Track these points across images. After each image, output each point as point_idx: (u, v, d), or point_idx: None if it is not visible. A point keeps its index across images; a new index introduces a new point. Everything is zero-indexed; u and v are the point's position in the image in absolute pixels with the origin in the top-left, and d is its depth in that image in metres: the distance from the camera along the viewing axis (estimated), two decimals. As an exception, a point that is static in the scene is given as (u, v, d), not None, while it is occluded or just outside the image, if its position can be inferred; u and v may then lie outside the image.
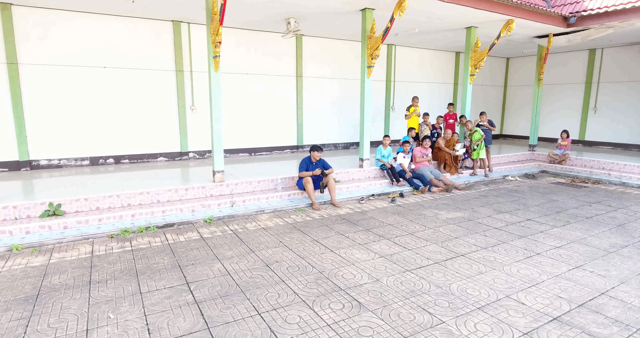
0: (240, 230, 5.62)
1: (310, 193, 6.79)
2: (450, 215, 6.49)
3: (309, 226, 5.85)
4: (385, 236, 5.41)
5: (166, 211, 6.08)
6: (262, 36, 10.41)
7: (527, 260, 4.61)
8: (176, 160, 9.69)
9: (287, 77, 11.03)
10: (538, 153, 11.91)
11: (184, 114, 9.62)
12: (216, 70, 6.56)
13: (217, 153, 6.87)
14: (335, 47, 11.69)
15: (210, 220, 5.97)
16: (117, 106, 8.91)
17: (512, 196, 7.96)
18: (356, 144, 12.58)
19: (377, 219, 6.22)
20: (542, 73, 11.60)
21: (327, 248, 4.94)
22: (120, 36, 8.74)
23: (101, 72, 8.66)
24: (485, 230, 5.72)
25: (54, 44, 8.15)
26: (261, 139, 10.87)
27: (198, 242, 5.12)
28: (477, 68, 9.79)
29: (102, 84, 8.71)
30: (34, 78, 8.06)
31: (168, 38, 9.26)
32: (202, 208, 6.34)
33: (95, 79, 8.62)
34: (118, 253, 4.74)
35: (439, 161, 9.51)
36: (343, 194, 7.61)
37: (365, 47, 8.04)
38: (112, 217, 5.73)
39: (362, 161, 8.54)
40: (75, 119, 8.54)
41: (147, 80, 9.15)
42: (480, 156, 9.55)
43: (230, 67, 10.05)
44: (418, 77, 13.67)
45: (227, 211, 6.31)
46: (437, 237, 5.38)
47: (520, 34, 10.65)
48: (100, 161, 8.90)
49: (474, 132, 9.59)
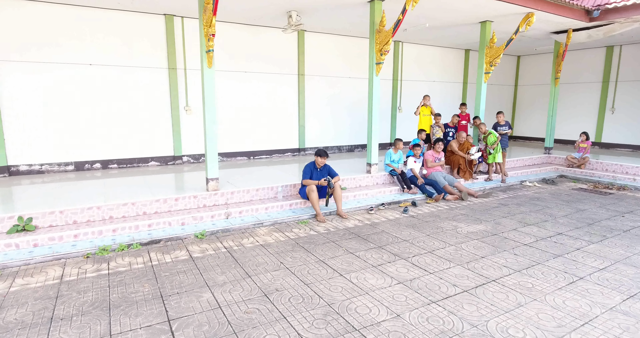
0: (236, 248, 4.93)
1: (315, 203, 6.11)
2: (471, 228, 5.80)
3: (313, 242, 5.16)
4: (402, 255, 4.72)
5: (153, 225, 5.40)
6: (262, 32, 9.73)
7: (571, 287, 3.92)
8: (169, 165, 9.01)
9: (288, 76, 10.35)
10: (555, 156, 11.22)
11: (178, 115, 8.94)
12: (209, 66, 5.88)
13: (211, 158, 6.19)
14: (340, 43, 11.01)
15: (202, 235, 5.29)
16: (104, 106, 8.24)
17: (534, 204, 7.27)
18: (361, 146, 11.89)
19: (390, 233, 5.54)
20: (559, 71, 10.91)
21: (336, 271, 4.25)
22: (107, 31, 8.06)
23: (87, 70, 7.99)
24: (514, 247, 5.03)
25: (35, 39, 7.47)
26: (260, 142, 10.19)
27: (186, 263, 4.44)
28: (493, 66, 9.10)
29: (88, 82, 8.03)
30: (11, 76, 7.38)
31: (160, 33, 8.59)
32: (193, 221, 5.66)
33: (81, 77, 7.95)
34: (92, 279, 4.06)
35: (452, 165, 8.82)
36: (350, 203, 6.93)
37: (373, 41, 7.36)
38: (90, 233, 5.05)
39: (370, 166, 7.86)
40: (59, 120, 7.86)
41: (138, 78, 8.48)
42: (497, 160, 8.86)
43: (227, 64, 9.38)
44: (426, 76, 12.98)
45: (222, 225, 5.63)
46: (461, 256, 4.69)
47: (538, 29, 9.96)
48: (86, 166, 8.22)
49: (488, 134, 8.89)
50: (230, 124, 9.66)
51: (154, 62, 8.59)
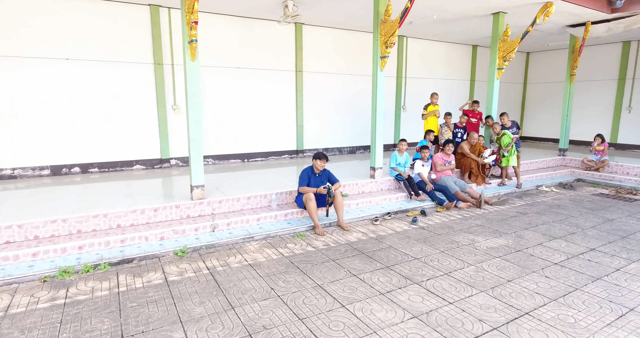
0: (220, 269, 4.24)
1: (313, 213, 5.42)
2: (490, 243, 5.10)
3: (310, 261, 4.47)
4: (414, 278, 4.02)
5: (126, 241, 4.71)
6: (256, 25, 9.04)
7: (622, 322, 3.23)
8: (155, 168, 8.32)
9: (285, 72, 9.65)
10: (570, 159, 10.51)
11: (164, 115, 8.24)
12: (193, 58, 5.19)
13: (196, 163, 5.49)
14: (341, 38, 10.31)
15: (182, 253, 4.59)
16: (83, 105, 7.54)
17: (556, 213, 6.57)
18: (363, 148, 11.20)
19: (399, 249, 4.84)
20: (575, 68, 10.20)
21: (337, 300, 3.56)
22: (87, 22, 7.37)
23: (63, 65, 7.29)
24: (544, 267, 4.33)
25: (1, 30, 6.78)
26: (256, 144, 9.50)
27: (159, 290, 3.74)
28: (507, 61, 8.40)
29: (65, 79, 7.34)
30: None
31: (145, 25, 7.89)
32: (174, 235, 4.96)
33: (57, 73, 7.25)
34: (42, 311, 3.36)
35: (462, 169, 8.12)
36: (352, 212, 6.23)
37: (378, 33, 6.66)
38: (52, 251, 4.36)
39: (374, 170, 7.16)
40: (33, 120, 7.17)
41: (120, 74, 7.79)
42: (511, 163, 8.14)
43: (219, 60, 8.69)
44: (432, 73, 12.27)
45: (206, 239, 4.93)
46: (484, 280, 3.99)
47: (553, 22, 9.26)
48: (63, 170, 7.53)
49: (502, 135, 8.19)
50: (223, 124, 8.97)
51: (138, 57, 7.90)
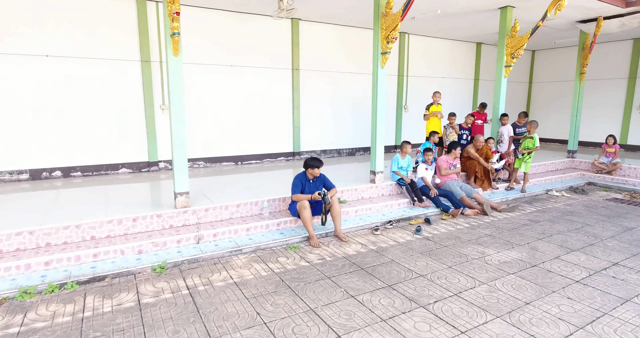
0: (202, 288, 3.77)
1: (307, 222, 4.95)
2: (502, 256, 4.63)
3: (303, 278, 4.00)
4: (419, 300, 3.56)
5: (99, 255, 4.24)
6: (250, 20, 8.58)
7: (665, 358, 2.76)
8: (143, 172, 7.86)
9: (281, 70, 9.19)
10: (579, 161, 10.05)
11: (152, 115, 7.78)
12: (176, 53, 4.73)
13: (180, 168, 5.03)
14: (340, 34, 9.85)
15: (161, 268, 4.13)
16: (64, 105, 7.08)
17: (570, 221, 6.10)
18: (363, 149, 10.73)
19: (402, 264, 4.37)
20: (585, 65, 9.73)
21: (331, 328, 3.09)
22: (68, 16, 6.91)
23: (43, 62, 6.84)
24: (565, 286, 3.86)
25: (-22, 25, 6.34)
26: (250, 145, 9.03)
27: (130, 315, 3.28)
28: (515, 58, 7.94)
29: (45, 77, 6.88)
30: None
31: (131, 20, 7.43)
32: (153, 248, 4.50)
33: (35, 71, 6.80)
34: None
35: (468, 173, 7.65)
36: (351, 220, 5.77)
37: (378, 27, 6.20)
38: (14, 267, 3.90)
39: (374, 174, 6.70)
40: (10, 121, 6.71)
41: (104, 72, 7.32)
42: (523, 168, 7.65)
43: (210, 57, 8.23)
44: (434, 72, 11.81)
45: (189, 252, 4.47)
46: (499, 302, 3.53)
47: (563, 17, 8.79)
48: (43, 174, 7.07)
49: (528, 137, 7.60)
50: (214, 125, 8.51)
51: (124, 54, 7.43)
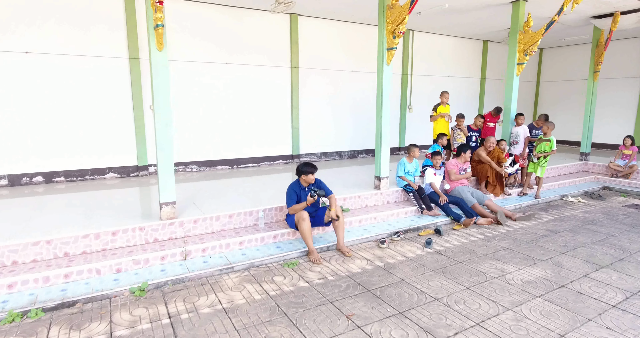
0: (185, 316, 3.28)
1: (307, 235, 4.46)
2: (524, 274, 4.15)
3: (302, 303, 3.51)
4: (436, 331, 3.07)
5: (72, 275, 3.75)
6: (246, 15, 8.09)
7: None
8: (131, 177, 7.37)
9: (279, 69, 8.70)
10: (593, 164, 9.57)
11: (142, 116, 7.29)
12: (160, 48, 4.24)
13: (165, 175, 4.54)
14: (341, 31, 9.36)
15: (141, 291, 3.64)
16: (46, 105, 6.60)
17: (592, 231, 5.62)
18: (365, 152, 10.25)
19: (413, 285, 3.88)
20: (599, 63, 9.24)
21: (335, 371, 2.61)
22: (49, 10, 6.43)
23: (22, 60, 6.35)
24: (601, 313, 3.37)
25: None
26: (246, 148, 8.54)
27: (98, 353, 2.80)
28: (528, 55, 7.44)
29: (24, 75, 6.40)
30: None
31: (118, 14, 6.94)
32: (134, 266, 4.01)
33: (14, 69, 6.31)
34: None
35: (478, 177, 7.16)
36: (354, 231, 5.28)
37: (384, 21, 5.72)
38: (-29, 291, 3.42)
39: (379, 180, 6.21)
40: (-14, 123, 6.24)
41: (89, 70, 6.84)
42: (538, 173, 7.17)
43: (203, 54, 7.76)
44: (439, 70, 11.32)
45: (174, 271, 3.98)
46: (528, 334, 3.04)
47: (578, 12, 8.31)
48: (23, 180, 6.58)
49: (545, 140, 7.11)
50: (208, 126, 8.02)
51: (110, 50, 6.95)
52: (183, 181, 7.01)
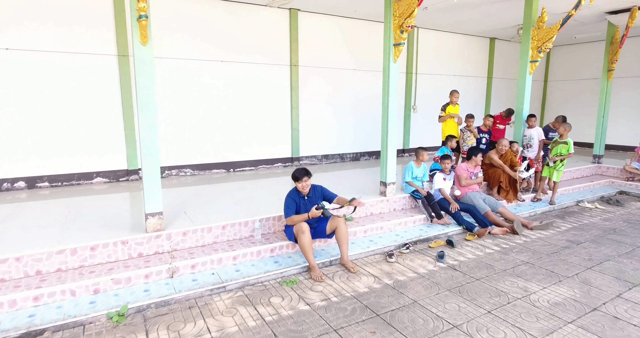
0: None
1: (307, 249, 4.03)
2: (550, 294, 3.71)
3: (302, 331, 3.08)
4: (458, 368, 2.64)
5: (42, 298, 3.32)
6: (243, 10, 7.66)
7: None
8: (121, 181, 6.93)
9: (278, 67, 8.27)
10: (607, 166, 9.14)
11: (131, 116, 6.85)
12: (144, 42, 3.82)
13: (151, 183, 4.10)
14: (343, 27, 8.93)
15: (120, 316, 3.20)
16: (29, 105, 6.17)
17: (616, 242, 5.19)
18: (369, 154, 9.81)
19: (427, 307, 3.45)
20: (614, 62, 8.80)
21: None
22: (31, 4, 5.99)
23: (2, 56, 5.92)
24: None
25: None
26: (243, 150, 8.11)
27: (61, 399, 2.37)
28: (542, 52, 7.01)
29: (4, 73, 5.96)
30: None
31: (106, 8, 6.51)
32: (113, 286, 3.58)
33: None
34: None
35: (490, 182, 6.73)
36: (360, 243, 4.85)
37: (390, 14, 5.29)
38: None
39: (385, 186, 5.77)
40: (-38, 124, 5.81)
41: (75, 68, 6.41)
42: (554, 178, 6.74)
43: (198, 51, 7.33)
44: (445, 69, 10.88)
45: (159, 291, 3.55)
46: (566, 373, 2.61)
47: (593, 7, 7.87)
48: (4, 185, 6.15)
49: (562, 143, 6.70)
50: (203, 127, 7.59)
51: (97, 47, 6.52)
52: (176, 186, 6.59)
